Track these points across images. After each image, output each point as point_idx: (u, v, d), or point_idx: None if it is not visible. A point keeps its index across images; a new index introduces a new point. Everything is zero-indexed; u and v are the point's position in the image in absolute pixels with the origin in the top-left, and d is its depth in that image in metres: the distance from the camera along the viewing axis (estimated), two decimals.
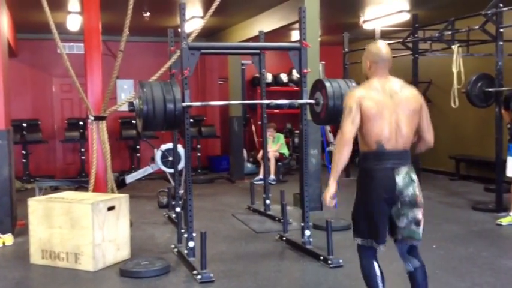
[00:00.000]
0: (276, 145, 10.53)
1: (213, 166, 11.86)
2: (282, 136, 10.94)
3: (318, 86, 5.44)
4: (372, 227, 3.43)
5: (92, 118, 6.23)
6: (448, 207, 7.75)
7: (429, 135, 3.51)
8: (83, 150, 10.87)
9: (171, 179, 8.68)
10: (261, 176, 10.24)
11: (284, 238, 5.95)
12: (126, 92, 11.91)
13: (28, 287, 4.75)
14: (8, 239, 6.03)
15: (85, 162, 11.01)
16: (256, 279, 4.73)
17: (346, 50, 10.59)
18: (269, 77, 12.85)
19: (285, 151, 10.81)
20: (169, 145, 8.79)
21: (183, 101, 4.98)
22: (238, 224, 6.92)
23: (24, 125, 10.70)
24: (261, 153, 10.45)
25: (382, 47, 3.54)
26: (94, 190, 6.21)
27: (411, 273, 3.56)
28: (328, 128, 12.63)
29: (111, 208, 5.25)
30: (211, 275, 4.69)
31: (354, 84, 5.42)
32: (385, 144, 3.34)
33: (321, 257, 5.16)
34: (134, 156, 11.35)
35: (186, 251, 5.21)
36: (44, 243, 5.25)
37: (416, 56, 8.45)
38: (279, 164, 10.44)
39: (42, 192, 8.80)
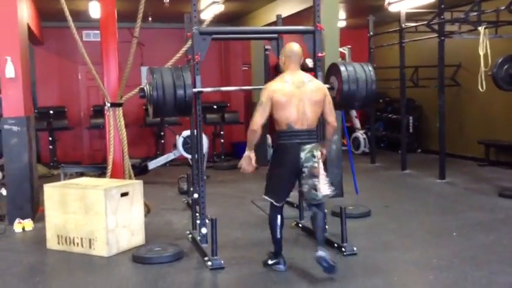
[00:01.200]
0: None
1: (237, 152, 11.78)
2: None
3: (333, 70, 5.32)
4: (278, 189, 4.46)
5: (109, 105, 6.25)
6: (473, 193, 7.54)
7: (331, 118, 4.52)
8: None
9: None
10: None
11: (300, 225, 5.88)
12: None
13: (42, 272, 4.80)
14: (28, 224, 6.11)
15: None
16: (267, 267, 4.68)
17: (372, 33, 10.36)
18: (311, 62, 12.67)
19: None
20: (188, 132, 8.81)
21: (194, 87, 4.95)
22: (256, 210, 6.88)
23: (51, 112, 10.84)
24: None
25: (294, 45, 4.53)
26: (111, 176, 6.25)
27: (311, 217, 4.53)
28: (354, 113, 12.47)
29: (124, 194, 5.26)
30: (222, 261, 4.66)
31: (370, 68, 5.29)
32: (294, 125, 4.30)
33: (335, 245, 5.07)
34: (159, 142, 11.39)
35: (199, 238, 5.20)
36: (59, 229, 5.30)
37: (442, 38, 8.19)
38: None
39: (67, 178, 8.92)
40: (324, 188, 4.34)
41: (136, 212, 5.38)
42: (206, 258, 4.76)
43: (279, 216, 4.51)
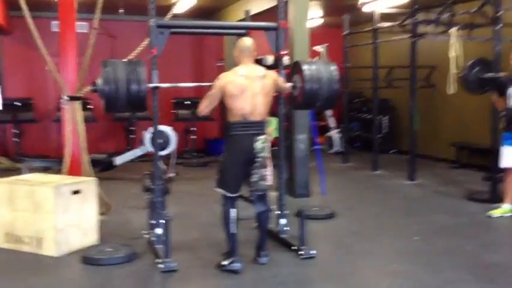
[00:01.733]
0: (269, 129, 10.23)
1: (210, 149, 11.65)
2: (275, 120, 10.61)
3: (296, 68, 5.16)
4: (231, 180, 4.45)
5: (67, 98, 6.03)
6: (441, 196, 7.45)
7: (283, 86, 4.89)
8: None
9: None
10: None
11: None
12: None
13: None
14: None
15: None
16: (220, 269, 4.52)
17: (346, 32, 10.23)
18: (270, 60, 12.54)
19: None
20: (159, 127, 8.60)
21: (151, 82, 4.77)
22: (220, 210, 6.70)
23: (18, 104, 10.56)
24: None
25: (246, 40, 4.62)
26: (69, 173, 6.04)
27: (257, 214, 4.60)
28: (329, 112, 12.33)
29: (76, 192, 5.06)
30: (174, 264, 4.49)
31: (334, 67, 5.14)
32: (248, 117, 4.39)
33: (293, 248, 4.93)
34: (129, 137, 11.16)
35: (153, 238, 5.02)
36: (7, 227, 5.10)
37: (415, 39, 8.09)
38: (273, 148, 10.16)
39: (30, 172, 8.71)
40: (269, 178, 4.47)
41: (89, 210, 5.19)
42: (158, 261, 4.59)
43: (232, 210, 4.46)
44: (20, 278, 4.42)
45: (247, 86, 4.41)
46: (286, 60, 12.47)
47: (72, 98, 6.00)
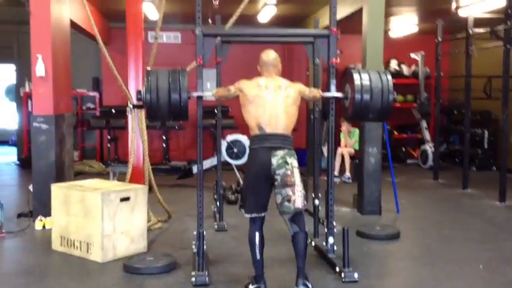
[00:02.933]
0: (351, 140, 9.88)
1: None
2: (357, 131, 10.22)
3: (347, 77, 4.87)
4: (251, 201, 4.09)
5: (131, 106, 6.17)
6: None
7: (313, 95, 4.51)
8: (164, 138, 11.03)
9: (235, 171, 8.51)
10: (335, 173, 9.69)
11: (313, 244, 5.47)
12: (211, 81, 11.89)
13: (31, 274, 4.72)
14: (49, 222, 6.12)
15: (168, 149, 11.19)
16: None
17: (440, 39, 9.62)
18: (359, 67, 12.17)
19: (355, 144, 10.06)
20: (235, 136, 8.60)
21: (196, 91, 4.73)
22: (280, 223, 6.50)
23: (113, 111, 11.05)
24: (338, 149, 9.89)
25: (270, 53, 4.36)
26: (131, 180, 6.16)
27: (292, 236, 4.16)
28: (425, 124, 11.68)
29: (125, 199, 5.13)
30: (206, 278, 4.40)
31: (388, 77, 4.80)
32: (265, 127, 4.08)
33: (337, 269, 4.63)
34: (216, 145, 11.23)
35: (195, 250, 4.96)
36: (62, 230, 5.27)
37: (508, 46, 7.41)
38: (356, 161, 9.78)
39: (116, 176, 9.07)
40: (298, 200, 3.94)
41: (137, 218, 5.23)
42: (193, 273, 4.50)
43: (257, 234, 4.11)
44: (59, 282, 4.54)
45: (266, 96, 4.15)
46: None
47: (136, 107, 6.11)
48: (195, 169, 8.94)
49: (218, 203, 6.42)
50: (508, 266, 4.92)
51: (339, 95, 4.90)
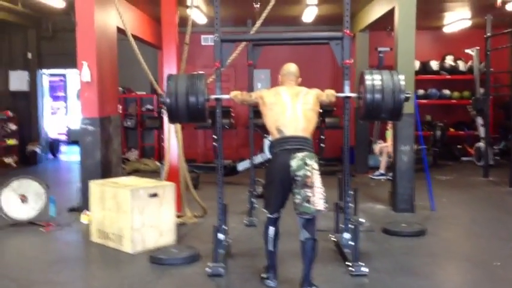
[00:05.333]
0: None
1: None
2: (390, 132, 10.17)
3: (361, 79, 5.00)
4: (270, 200, 4.31)
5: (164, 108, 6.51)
6: None
7: (330, 98, 4.65)
8: (214, 137, 11.38)
9: None
10: (381, 170, 9.73)
11: (333, 239, 5.63)
12: (263, 82, 12.16)
13: (66, 262, 5.17)
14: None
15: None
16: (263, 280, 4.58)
17: (489, 34, 9.43)
18: (416, 65, 12.05)
19: None
20: None
21: (215, 94, 5.02)
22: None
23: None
24: (377, 147, 9.92)
25: (291, 66, 4.68)
26: (168, 178, 6.53)
27: (302, 242, 4.19)
28: (480, 121, 11.41)
29: (154, 195, 5.49)
30: (221, 270, 4.68)
31: (400, 77, 4.88)
32: (284, 130, 4.26)
33: (348, 263, 4.79)
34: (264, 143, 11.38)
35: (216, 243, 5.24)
36: (99, 223, 5.71)
37: None
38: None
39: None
40: (318, 202, 4.02)
41: (166, 213, 5.59)
42: (209, 264, 4.80)
43: (271, 228, 4.34)
44: (88, 270, 4.99)
45: (285, 101, 4.38)
46: (435, 65, 11.72)
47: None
48: (239, 167, 9.27)
49: (251, 199, 6.70)
50: None
51: (353, 95, 5.05)
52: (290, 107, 4.35)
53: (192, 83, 4.88)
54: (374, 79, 4.83)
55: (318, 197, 4.04)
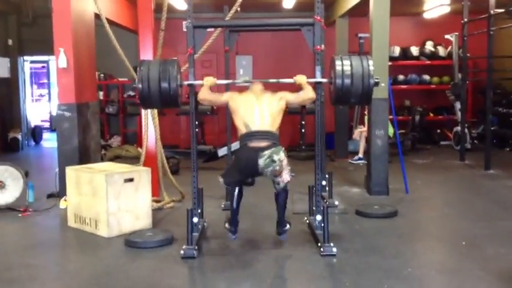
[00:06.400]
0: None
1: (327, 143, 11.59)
2: (390, 125, 10.26)
3: (331, 64, 5.09)
4: (231, 179, 4.82)
5: None
6: None
7: (303, 98, 5.02)
8: (196, 123, 11.42)
9: None
10: (360, 155, 9.85)
11: (308, 221, 5.75)
12: (245, 68, 12.23)
13: (42, 247, 5.25)
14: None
15: (203, 134, 11.60)
16: (237, 261, 4.70)
17: (466, 20, 9.55)
18: (396, 51, 12.17)
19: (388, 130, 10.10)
20: None
21: (188, 80, 5.11)
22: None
23: None
24: (356, 132, 10.04)
25: (255, 86, 5.05)
26: (145, 163, 6.59)
27: (275, 194, 4.82)
28: (458, 105, 11.54)
29: (129, 180, 5.57)
30: (194, 252, 4.78)
31: (369, 62, 4.96)
32: (251, 125, 4.70)
33: (319, 244, 4.91)
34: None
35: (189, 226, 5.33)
36: (75, 208, 5.78)
37: None
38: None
39: None
40: (286, 177, 4.65)
41: (141, 197, 5.66)
42: (184, 247, 4.89)
43: (237, 188, 4.82)
44: (63, 254, 5.08)
45: (252, 100, 4.84)
46: (415, 50, 11.83)
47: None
48: (220, 153, 9.35)
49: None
50: (490, 243, 5.02)
51: (324, 80, 5.14)
52: (256, 106, 4.80)
53: (164, 68, 4.95)
54: (344, 64, 4.92)
55: (284, 175, 4.65)
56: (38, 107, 16.68)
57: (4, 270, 4.57)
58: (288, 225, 4.95)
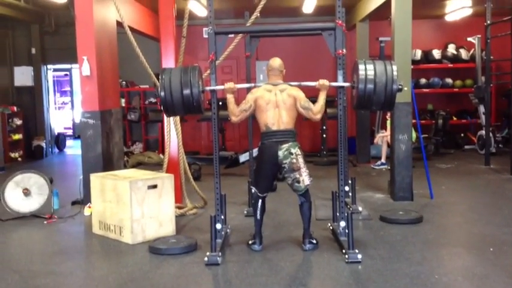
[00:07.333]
0: None
1: (349, 148, 11.53)
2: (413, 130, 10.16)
3: (354, 68, 5.06)
4: (260, 182, 5.16)
5: None
6: None
7: (306, 114, 5.10)
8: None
9: None
10: (382, 160, 9.78)
11: (331, 227, 5.70)
12: (265, 73, 12.19)
13: (67, 254, 5.28)
14: None
15: (224, 140, 11.61)
16: (261, 268, 4.68)
17: (489, 22, 9.43)
18: (418, 54, 12.06)
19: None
20: None
21: (210, 86, 5.13)
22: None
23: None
24: (377, 136, 9.97)
25: (275, 61, 5.26)
26: (167, 170, 6.62)
27: (300, 206, 5.16)
28: (482, 109, 11.39)
29: (152, 187, 5.59)
30: (218, 258, 4.77)
31: (394, 67, 4.92)
32: (271, 126, 5.04)
33: (343, 251, 4.87)
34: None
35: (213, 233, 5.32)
36: (100, 215, 5.82)
37: None
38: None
39: None
40: (305, 179, 5.02)
41: (165, 203, 5.67)
42: (208, 254, 4.89)
43: (260, 200, 5.16)
44: (88, 260, 5.11)
45: (271, 100, 5.07)
46: (437, 53, 11.71)
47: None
48: (241, 158, 9.34)
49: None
50: None
51: (346, 84, 5.12)
52: (275, 108, 5.06)
53: (185, 75, 4.97)
54: (367, 69, 4.89)
55: (304, 175, 5.02)
56: (61, 114, 16.87)
57: (30, 277, 4.61)
58: (315, 241, 5.16)
